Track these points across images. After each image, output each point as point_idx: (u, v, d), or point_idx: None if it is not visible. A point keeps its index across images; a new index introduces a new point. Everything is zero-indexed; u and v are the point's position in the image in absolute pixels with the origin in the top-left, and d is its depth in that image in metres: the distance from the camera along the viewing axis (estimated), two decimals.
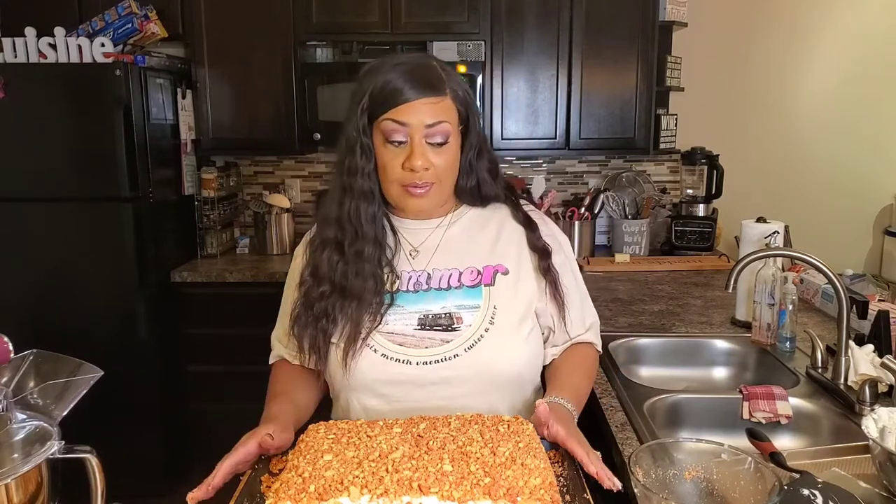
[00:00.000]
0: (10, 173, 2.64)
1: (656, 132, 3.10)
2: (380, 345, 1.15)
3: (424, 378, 1.14)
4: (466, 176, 1.22)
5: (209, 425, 2.84)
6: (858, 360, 1.44)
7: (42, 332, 2.63)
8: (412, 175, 1.12)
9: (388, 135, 1.11)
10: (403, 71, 1.12)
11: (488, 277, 1.19)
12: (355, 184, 1.15)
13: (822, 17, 3.24)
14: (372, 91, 1.12)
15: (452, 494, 0.80)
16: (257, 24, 2.92)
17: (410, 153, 1.11)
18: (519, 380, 1.20)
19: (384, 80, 1.11)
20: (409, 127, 1.10)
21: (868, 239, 3.39)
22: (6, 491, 0.80)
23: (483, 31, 2.92)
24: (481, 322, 1.16)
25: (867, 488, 1.04)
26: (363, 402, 1.18)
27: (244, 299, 2.85)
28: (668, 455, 0.98)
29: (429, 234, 1.23)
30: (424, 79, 1.11)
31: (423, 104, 1.10)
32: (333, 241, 1.18)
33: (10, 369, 0.95)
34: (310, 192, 3.41)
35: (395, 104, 1.10)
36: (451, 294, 1.18)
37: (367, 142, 1.14)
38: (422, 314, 1.17)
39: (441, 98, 1.12)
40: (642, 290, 2.48)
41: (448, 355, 1.14)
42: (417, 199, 1.15)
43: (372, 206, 1.16)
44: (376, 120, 1.12)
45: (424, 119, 1.10)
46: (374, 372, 1.15)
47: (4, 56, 2.65)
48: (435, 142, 1.12)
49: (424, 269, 1.21)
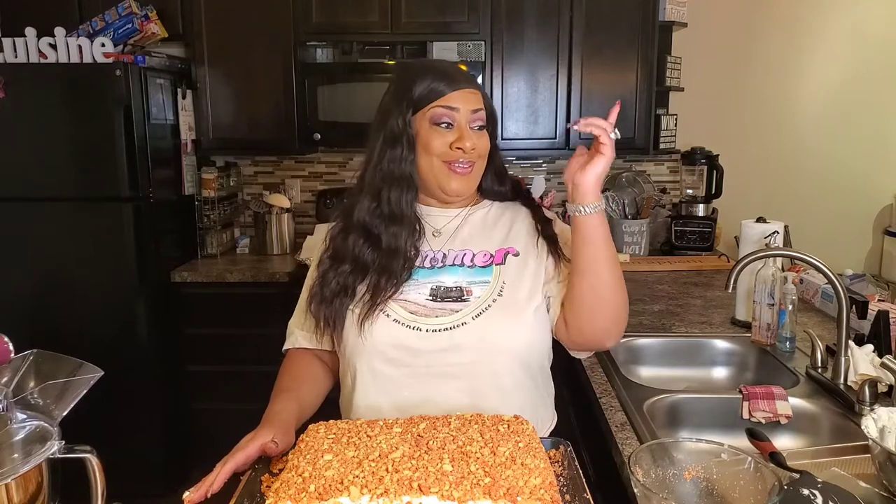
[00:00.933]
0: (10, 173, 2.64)
1: (656, 132, 3.10)
2: (393, 311, 1.21)
3: (433, 344, 1.18)
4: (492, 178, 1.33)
5: (209, 425, 2.84)
6: (858, 360, 1.44)
7: (42, 332, 2.63)
8: (458, 154, 1.21)
9: (437, 119, 1.21)
10: (442, 70, 1.24)
11: (500, 258, 1.26)
12: (398, 171, 1.23)
13: (822, 17, 3.24)
14: (414, 92, 1.21)
15: (452, 494, 0.80)
16: (257, 24, 2.93)
17: (461, 135, 1.21)
18: (525, 353, 1.23)
19: (426, 79, 1.22)
20: (458, 112, 1.21)
21: (868, 239, 3.39)
22: (6, 491, 0.80)
23: (483, 31, 2.92)
24: (489, 294, 1.21)
25: (867, 488, 1.04)
26: (373, 366, 1.21)
27: (244, 299, 2.85)
28: (668, 455, 0.98)
29: (449, 221, 1.30)
30: (463, 74, 1.25)
31: (468, 93, 1.22)
32: (362, 227, 1.24)
33: (10, 369, 0.95)
34: (310, 192, 3.41)
35: (444, 93, 1.20)
36: (463, 270, 1.25)
37: (412, 133, 1.22)
38: (434, 286, 1.23)
39: (478, 91, 1.25)
40: (642, 290, 2.48)
41: (456, 323, 1.19)
42: (461, 176, 1.23)
43: (410, 192, 1.24)
44: (421, 110, 1.21)
45: (470, 105, 1.22)
46: (385, 336, 1.20)
47: (4, 56, 2.65)
48: (477, 126, 1.23)
49: (441, 249, 1.27)
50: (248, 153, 3.33)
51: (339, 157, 3.39)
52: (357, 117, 2.92)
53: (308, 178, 3.42)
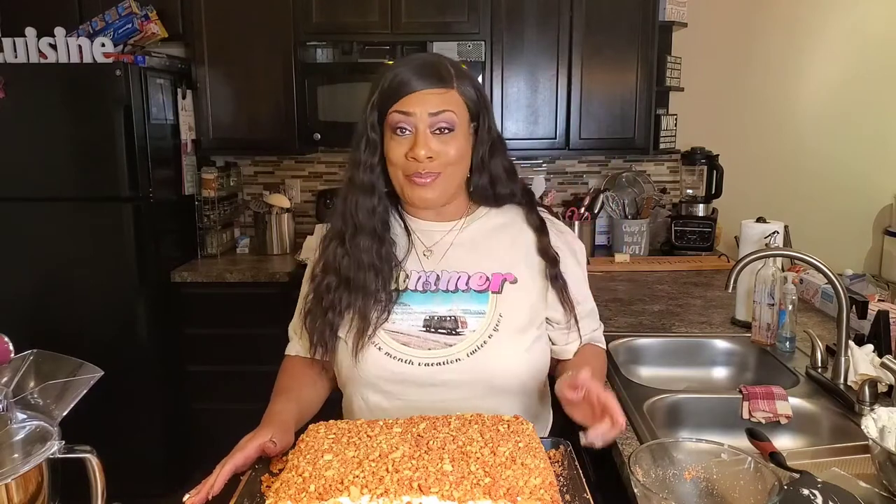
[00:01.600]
0: (10, 173, 2.64)
1: (656, 132, 3.10)
2: (385, 343, 1.17)
3: (426, 379, 1.15)
4: (479, 173, 1.21)
5: (209, 425, 2.84)
6: (858, 360, 1.44)
7: (42, 332, 2.63)
8: (416, 164, 1.12)
9: (395, 125, 1.13)
10: (412, 66, 1.14)
11: (496, 285, 1.20)
12: (357, 177, 1.17)
13: (822, 17, 3.24)
14: (381, 86, 1.14)
15: (452, 494, 0.80)
16: (257, 24, 2.93)
17: (414, 142, 1.12)
18: (520, 388, 1.21)
19: (392, 74, 1.14)
20: (414, 116, 1.11)
21: (868, 239, 3.39)
22: (6, 491, 0.80)
23: (483, 31, 2.92)
24: (485, 328, 1.16)
25: (867, 488, 1.04)
26: (366, 397, 1.20)
27: (244, 299, 2.85)
28: (668, 455, 0.98)
29: (442, 236, 1.24)
30: (430, 71, 1.13)
31: (427, 94, 1.12)
32: (339, 234, 1.20)
33: (10, 369, 0.95)
34: (310, 192, 3.41)
35: (401, 95, 1.12)
36: (457, 297, 1.19)
37: (375, 136, 1.16)
38: (427, 315, 1.18)
39: (446, 90, 1.13)
40: (642, 290, 2.48)
41: (450, 359, 1.15)
42: (421, 188, 1.14)
43: (371, 200, 1.17)
44: (386, 114, 1.14)
45: (428, 108, 1.12)
46: (377, 369, 1.16)
47: (4, 56, 2.65)
48: (439, 128, 1.12)
49: (434, 270, 1.21)
50: (248, 153, 3.33)
51: (339, 157, 3.38)
52: (357, 117, 2.91)
53: (308, 178, 3.42)
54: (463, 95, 1.15)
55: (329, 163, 3.40)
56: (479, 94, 1.19)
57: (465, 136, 1.16)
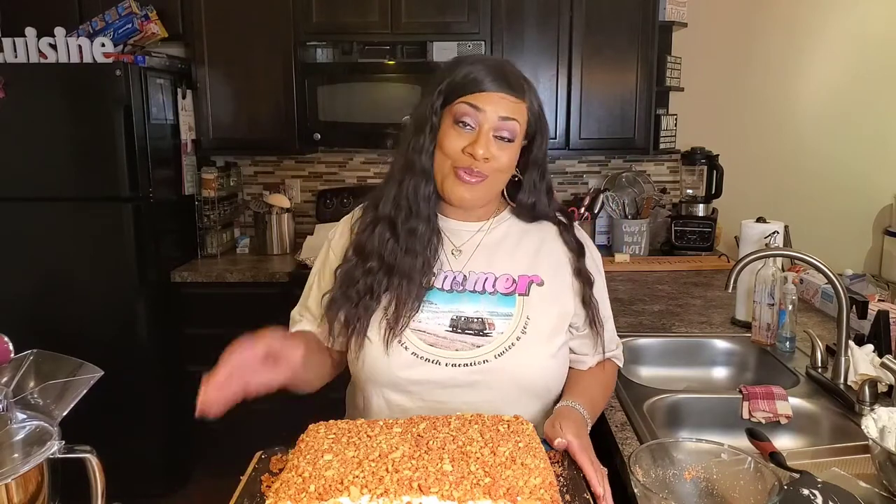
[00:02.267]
0: (10, 173, 2.64)
1: (656, 132, 3.10)
2: (411, 342, 1.15)
3: (452, 380, 1.14)
4: (529, 193, 1.22)
5: (209, 425, 2.82)
6: (858, 360, 1.44)
7: (42, 332, 2.63)
8: (470, 160, 1.12)
9: (460, 116, 1.12)
10: (490, 65, 1.14)
11: (523, 287, 1.19)
12: (418, 162, 1.15)
13: (822, 17, 3.24)
14: (454, 77, 1.14)
15: (452, 494, 0.80)
16: (257, 24, 2.93)
17: (476, 139, 1.11)
18: (545, 392, 1.20)
19: (468, 69, 1.13)
20: (483, 114, 1.11)
21: (868, 239, 3.39)
22: (6, 491, 0.80)
23: (483, 31, 2.92)
24: (513, 331, 1.16)
25: (867, 488, 1.04)
26: (388, 397, 1.18)
27: (244, 299, 2.85)
28: (668, 455, 0.98)
29: (470, 236, 1.23)
30: (508, 77, 1.14)
31: (502, 98, 1.12)
32: (387, 219, 1.18)
33: (10, 369, 0.95)
34: (310, 192, 3.41)
35: (475, 90, 1.12)
36: (484, 299, 1.18)
37: (437, 122, 1.15)
38: (454, 315, 1.17)
39: (519, 100, 1.14)
40: (642, 290, 2.48)
41: (478, 360, 1.14)
42: (465, 186, 1.14)
43: (429, 187, 1.17)
44: (451, 103, 1.13)
45: (499, 111, 1.11)
46: (403, 369, 1.15)
47: (4, 56, 2.65)
48: (502, 136, 1.13)
49: (461, 270, 1.21)
50: (248, 153, 3.33)
51: (339, 157, 3.38)
52: (357, 117, 2.92)
53: (308, 178, 3.42)
54: (530, 110, 1.16)
55: (329, 163, 3.40)
56: (542, 116, 1.19)
57: (518, 149, 1.17)
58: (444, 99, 1.14)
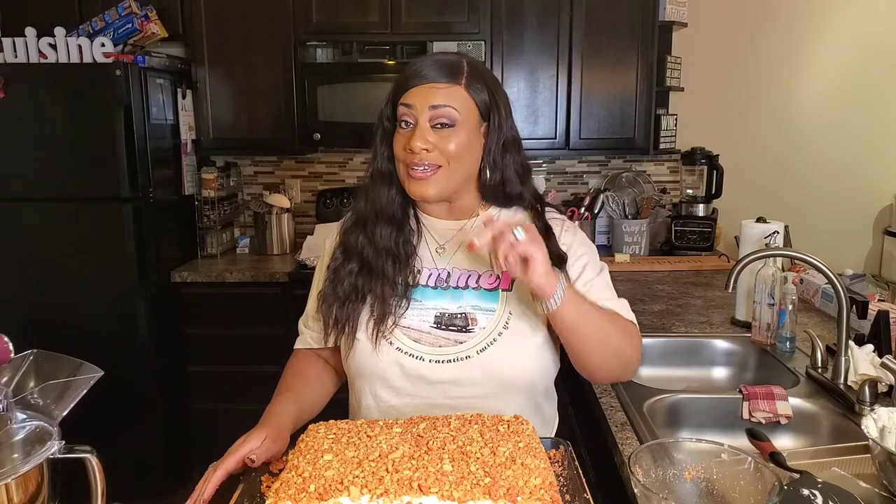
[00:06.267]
0: (10, 173, 2.64)
1: (656, 132, 3.10)
2: (397, 339, 1.18)
3: (435, 376, 1.16)
4: (490, 171, 1.20)
5: (209, 425, 2.84)
6: (858, 360, 1.44)
7: (42, 332, 2.63)
8: (412, 156, 1.14)
9: (400, 117, 1.15)
10: (423, 62, 1.16)
11: (506, 282, 1.20)
12: (376, 167, 1.21)
13: (822, 17, 3.24)
14: (396, 83, 1.18)
15: (452, 494, 0.80)
16: (257, 24, 2.93)
17: (412, 135, 1.13)
18: (529, 387, 1.21)
19: (408, 68, 1.17)
20: (414, 108, 1.13)
21: (868, 239, 3.39)
22: (6, 491, 0.80)
23: (483, 31, 2.92)
24: (496, 326, 1.17)
25: (867, 488, 1.04)
26: (375, 392, 1.20)
27: (244, 299, 2.85)
28: (668, 455, 0.98)
29: (453, 235, 1.25)
30: (441, 67, 1.15)
31: (430, 88, 1.13)
32: (362, 222, 1.23)
33: (10, 369, 0.95)
34: (310, 192, 3.41)
35: (407, 88, 1.15)
36: (467, 294, 1.20)
37: (389, 127, 1.19)
38: (438, 311, 1.19)
39: (451, 85, 1.14)
40: (642, 290, 2.48)
41: (460, 356, 1.15)
42: (419, 182, 1.15)
43: (390, 190, 1.21)
44: (396, 107, 1.17)
45: (429, 101, 1.13)
46: (388, 365, 1.17)
47: (4, 56, 2.65)
48: (440, 123, 1.13)
49: (445, 268, 1.23)
50: (248, 153, 3.33)
51: (339, 157, 3.38)
52: (357, 117, 2.92)
53: (308, 178, 3.42)
54: (471, 92, 1.15)
55: (329, 163, 3.40)
56: (493, 94, 1.18)
57: (469, 133, 1.15)
58: (392, 104, 1.18)
